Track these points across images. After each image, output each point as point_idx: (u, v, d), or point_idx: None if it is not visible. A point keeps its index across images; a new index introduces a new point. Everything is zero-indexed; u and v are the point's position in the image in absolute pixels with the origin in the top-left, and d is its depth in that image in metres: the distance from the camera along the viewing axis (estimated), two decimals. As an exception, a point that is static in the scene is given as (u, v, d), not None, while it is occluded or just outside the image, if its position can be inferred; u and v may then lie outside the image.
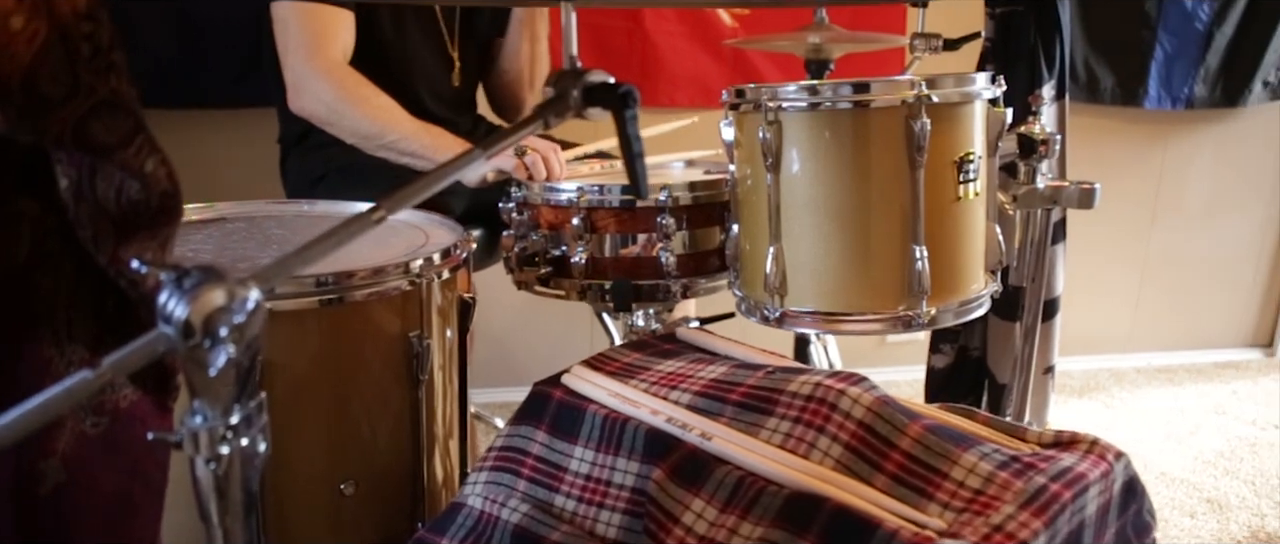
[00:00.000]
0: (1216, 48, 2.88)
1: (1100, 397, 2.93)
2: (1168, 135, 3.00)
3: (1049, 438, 1.03)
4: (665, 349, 1.29)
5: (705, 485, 1.00)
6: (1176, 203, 3.08)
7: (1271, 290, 3.26)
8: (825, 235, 1.30)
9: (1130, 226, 3.07)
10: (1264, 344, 3.31)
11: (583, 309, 2.38)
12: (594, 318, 2.24)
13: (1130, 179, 3.01)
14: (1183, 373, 3.15)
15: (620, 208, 1.55)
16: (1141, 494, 1.06)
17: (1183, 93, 2.89)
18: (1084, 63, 2.82)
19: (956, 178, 1.28)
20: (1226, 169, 3.09)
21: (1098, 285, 3.09)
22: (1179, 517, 2.25)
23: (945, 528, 0.87)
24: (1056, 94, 1.79)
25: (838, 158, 1.29)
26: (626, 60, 2.51)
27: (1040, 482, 0.90)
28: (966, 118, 1.30)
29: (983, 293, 1.37)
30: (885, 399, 1.01)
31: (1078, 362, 3.14)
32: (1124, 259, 3.10)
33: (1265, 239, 3.20)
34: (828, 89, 1.28)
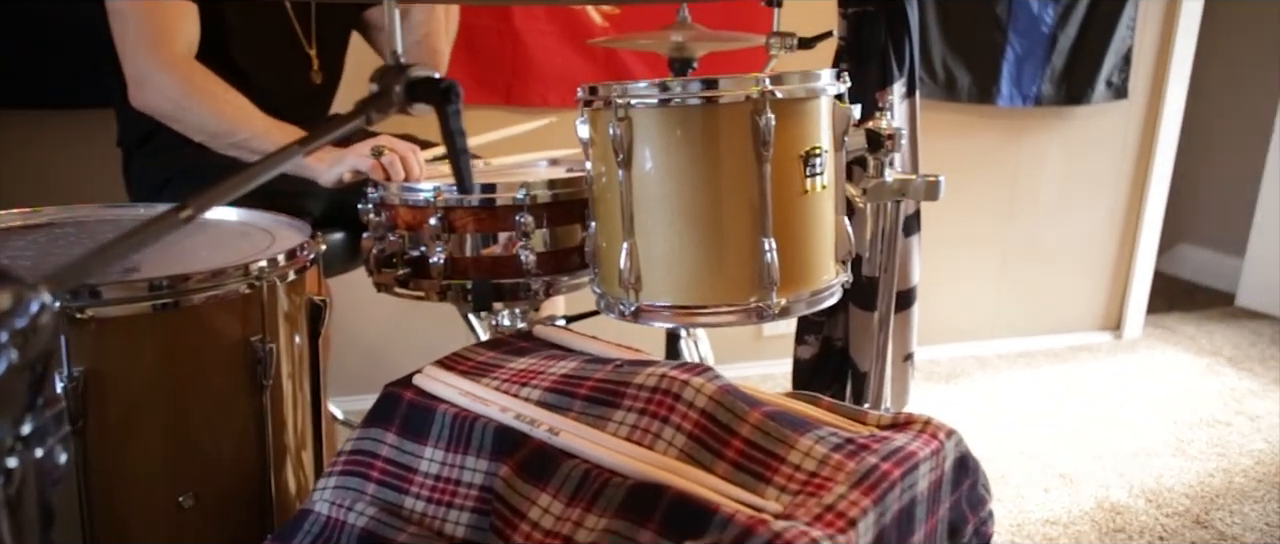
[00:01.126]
0: (1061, 49, 3.04)
1: (965, 382, 3.06)
2: (1022, 132, 3.16)
3: (887, 420, 1.07)
4: (520, 347, 1.29)
5: (552, 480, 1.00)
6: (1032, 196, 3.24)
7: (1118, 277, 3.47)
8: (678, 230, 1.32)
9: (990, 219, 3.22)
10: (1113, 327, 3.52)
11: (457, 312, 2.35)
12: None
13: (989, 174, 3.16)
14: (1040, 356, 3.32)
15: (479, 207, 1.53)
16: (974, 470, 1.11)
17: (1032, 91, 3.04)
18: (942, 63, 2.94)
19: (803, 171, 1.32)
20: (1075, 163, 3.27)
21: (962, 276, 3.23)
22: (1035, 491, 2.37)
23: (781, 510, 0.89)
24: (907, 91, 1.86)
25: (688, 153, 1.30)
26: (497, 60, 2.49)
27: (872, 461, 0.93)
28: (812, 113, 1.34)
29: (833, 283, 1.41)
30: (728, 388, 1.03)
31: (945, 349, 3.27)
32: (985, 250, 3.25)
33: (1112, 228, 3.40)
34: (677, 86, 1.30)
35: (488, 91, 2.51)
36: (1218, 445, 2.68)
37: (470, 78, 2.49)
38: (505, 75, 2.50)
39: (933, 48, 2.91)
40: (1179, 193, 4.44)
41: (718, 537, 0.86)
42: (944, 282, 3.20)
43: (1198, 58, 3.37)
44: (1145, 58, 3.22)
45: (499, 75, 2.50)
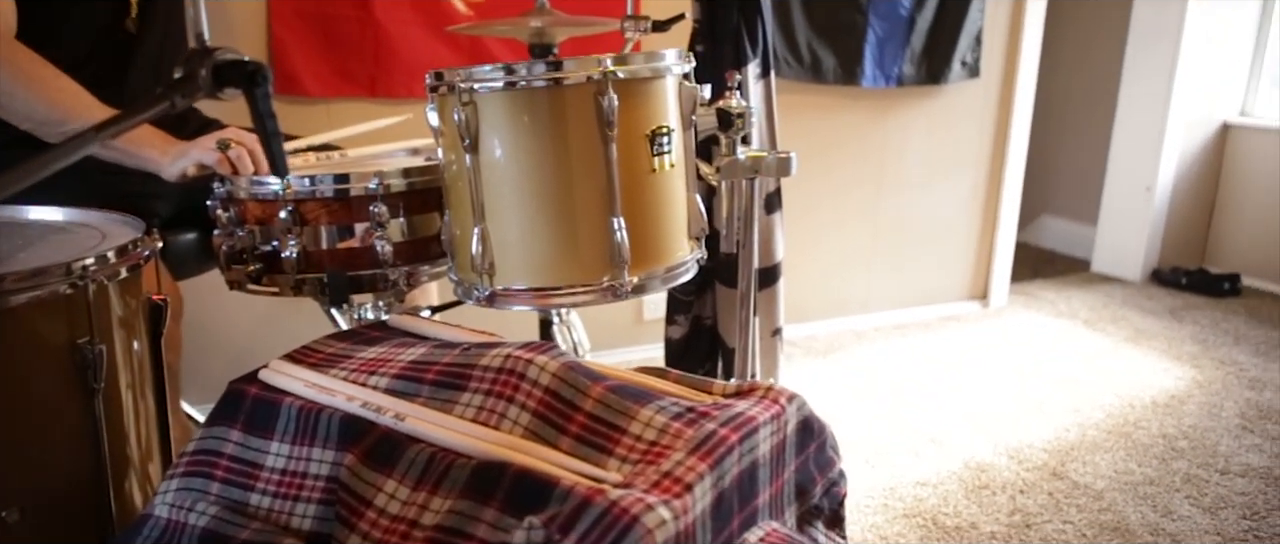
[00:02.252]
0: (919, 31, 3.16)
1: (842, 355, 3.15)
2: (887, 111, 3.27)
3: (731, 389, 1.09)
4: (372, 337, 1.27)
5: (397, 466, 0.99)
6: (899, 173, 3.36)
7: (983, 248, 3.62)
8: (529, 213, 1.32)
9: (861, 196, 3.32)
10: (980, 296, 3.68)
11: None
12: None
13: (858, 153, 3.26)
14: (913, 327, 3.45)
15: (333, 198, 1.50)
16: (820, 432, 1.15)
17: (894, 72, 3.15)
18: (808, 46, 3.01)
19: (650, 150, 1.34)
20: (939, 141, 3.40)
21: (836, 253, 3.33)
22: (906, 455, 2.46)
23: (621, 480, 0.91)
24: (761, 72, 1.90)
25: (535, 136, 1.31)
26: (358, 51, 2.44)
27: (710, 428, 0.96)
28: (657, 93, 1.35)
29: (687, 259, 1.44)
30: (571, 365, 1.04)
31: (823, 325, 3.36)
32: (857, 227, 3.35)
33: (975, 202, 3.55)
34: (522, 68, 1.30)
35: (350, 84, 2.46)
36: (1073, 402, 2.84)
37: (331, 70, 2.43)
38: (368, 67, 2.45)
39: (797, 31, 2.98)
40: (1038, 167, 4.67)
41: (558, 509, 0.86)
42: (820, 259, 3.29)
43: (1047, 37, 3.55)
44: (997, 38, 3.37)
45: (361, 67, 2.45)
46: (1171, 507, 2.27)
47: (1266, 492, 2.36)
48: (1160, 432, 2.67)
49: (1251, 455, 2.55)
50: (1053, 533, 2.14)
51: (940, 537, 2.11)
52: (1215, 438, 2.64)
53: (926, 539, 2.10)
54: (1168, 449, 2.57)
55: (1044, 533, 2.14)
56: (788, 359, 3.10)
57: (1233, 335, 3.50)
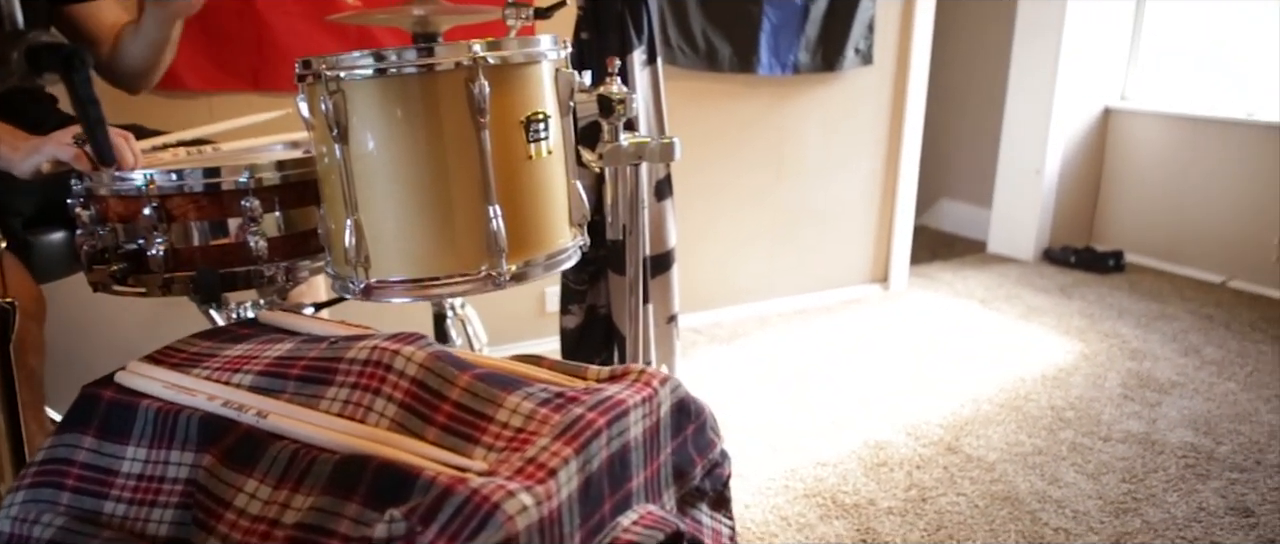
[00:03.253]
0: (813, 19, 3.20)
1: (745, 341, 3.19)
2: (784, 99, 3.31)
3: (605, 374, 1.09)
4: (240, 334, 1.23)
5: (259, 464, 0.96)
6: (798, 160, 3.41)
7: (882, 232, 3.70)
8: (403, 203, 1.30)
9: (761, 184, 3.36)
10: (881, 279, 3.76)
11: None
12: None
13: (757, 141, 3.29)
14: (815, 312, 3.51)
15: (202, 194, 1.45)
16: (698, 414, 1.15)
17: (789, 60, 3.19)
18: (703, 35, 3.03)
19: (526, 137, 1.32)
20: (836, 128, 3.46)
21: (739, 240, 3.36)
22: (808, 436, 2.50)
23: (486, 468, 0.89)
24: (647, 59, 1.90)
25: (407, 125, 1.28)
26: (240, 43, 2.36)
27: (577, 412, 0.95)
28: (532, 79, 1.34)
29: (569, 246, 1.43)
30: (439, 354, 1.02)
31: (727, 312, 3.40)
32: (759, 214, 3.39)
33: (872, 188, 3.62)
34: (392, 55, 1.27)
35: (232, 77, 2.38)
36: (968, 379, 2.93)
37: (212, 63, 2.35)
38: (250, 59, 2.38)
39: (692, 20, 3.00)
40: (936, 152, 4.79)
41: (420, 500, 0.85)
42: (722, 246, 3.32)
43: (939, 27, 3.64)
44: (890, 27, 3.44)
45: (244, 59, 2.37)
46: (1058, 474, 2.36)
47: (1144, 456, 2.47)
48: (1049, 403, 2.77)
49: (1131, 422, 2.66)
50: (947, 505, 2.20)
51: (839, 514, 2.15)
52: (1099, 407, 2.75)
53: (826, 517, 2.14)
54: (1056, 420, 2.66)
55: (939, 506, 2.20)
56: (692, 346, 3.12)
57: (1117, 309, 3.65)
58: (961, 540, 2.06)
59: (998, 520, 2.15)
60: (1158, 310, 3.65)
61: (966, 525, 2.12)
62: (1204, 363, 3.13)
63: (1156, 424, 2.65)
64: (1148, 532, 2.12)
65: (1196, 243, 4.10)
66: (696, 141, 3.14)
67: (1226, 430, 2.63)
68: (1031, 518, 2.16)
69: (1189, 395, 2.86)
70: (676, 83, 3.05)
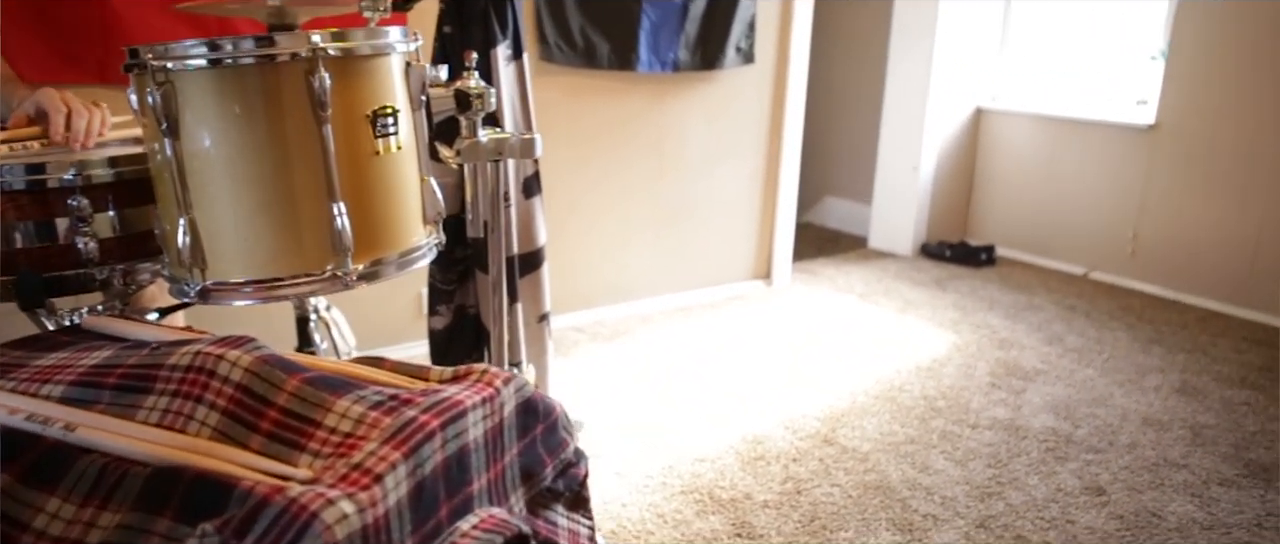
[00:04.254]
0: (693, 17, 3.22)
1: (628, 339, 3.19)
2: (665, 97, 3.32)
3: (448, 374, 1.06)
4: (58, 342, 1.15)
5: (63, 481, 0.89)
6: (680, 158, 3.42)
7: (764, 229, 3.76)
8: (242, 201, 1.23)
9: (644, 182, 3.36)
10: (763, 276, 3.81)
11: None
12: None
13: (639, 139, 3.29)
14: (699, 309, 3.54)
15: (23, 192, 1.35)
16: (547, 414, 1.13)
17: (669, 58, 3.20)
18: (581, 32, 3.01)
19: (373, 132, 1.28)
20: (717, 126, 3.49)
21: (622, 238, 3.35)
22: (687, 433, 2.51)
23: (310, 476, 0.85)
24: (513, 54, 1.87)
25: (245, 118, 1.22)
26: (85, 34, 2.23)
27: (410, 415, 0.92)
28: (378, 72, 1.30)
29: (423, 245, 1.39)
30: (267, 358, 0.97)
31: (611, 310, 3.39)
32: (641, 212, 3.39)
33: (754, 185, 3.67)
34: (226, 45, 1.21)
35: (78, 71, 2.24)
36: (846, 372, 2.99)
37: (53, 54, 2.21)
38: (97, 51, 2.25)
39: (571, 17, 2.98)
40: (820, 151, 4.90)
41: (235, 512, 0.80)
42: (605, 245, 3.31)
43: (820, 28, 3.71)
44: (769, 26, 3.49)
45: (90, 52, 2.24)
46: (928, 462, 2.42)
47: (1009, 441, 2.56)
48: (922, 393, 2.85)
49: (998, 409, 2.76)
50: (821, 496, 2.24)
51: (716, 509, 2.16)
52: (969, 396, 2.85)
53: (703, 513, 2.15)
54: (928, 409, 2.74)
55: (813, 497, 2.23)
56: (574, 345, 3.10)
57: (988, 301, 3.79)
58: (834, 530, 2.10)
59: (870, 509, 2.19)
60: (1026, 301, 3.81)
61: (839, 515, 2.16)
62: (1066, 351, 3.27)
63: (1021, 410, 2.76)
64: (1010, 513, 2.20)
65: (1061, 237, 4.29)
66: (577, 139, 3.12)
67: (1084, 414, 2.76)
68: (902, 505, 2.21)
69: (1051, 382, 2.99)
70: (555, 79, 3.03)
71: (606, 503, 2.16)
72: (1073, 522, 2.18)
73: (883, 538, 2.08)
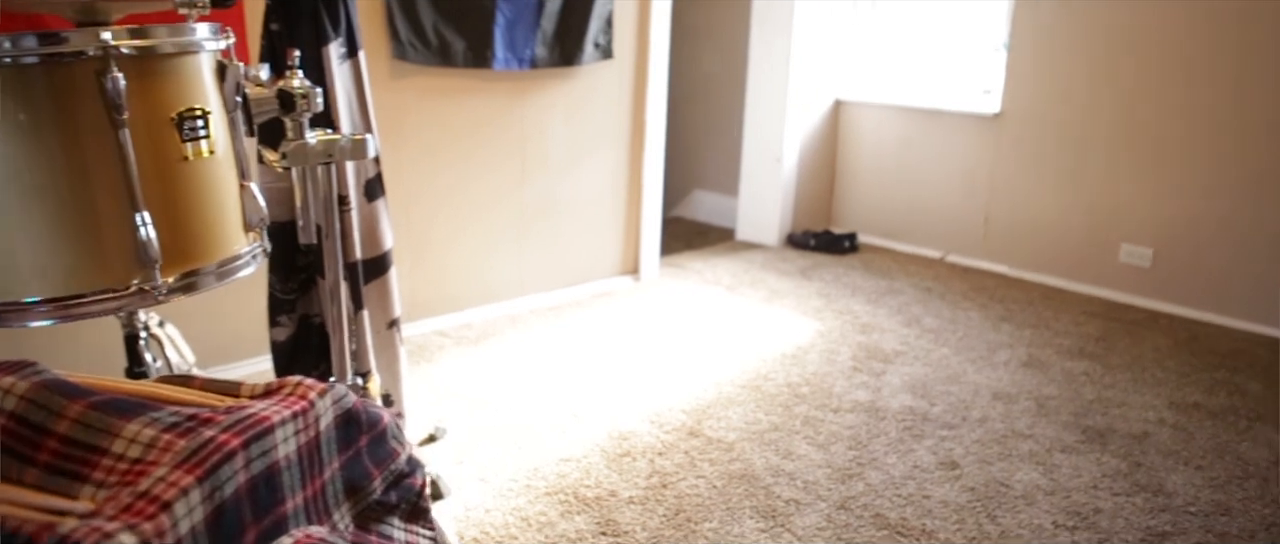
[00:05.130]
0: (549, 13, 3.19)
1: (496, 341, 3.13)
2: (524, 95, 3.28)
3: (259, 390, 1.00)
4: None
5: None
6: (542, 156, 3.39)
7: (631, 225, 3.76)
8: (32, 214, 1.14)
9: (506, 181, 3.31)
10: (631, 271, 3.82)
11: None
12: None
13: (499, 138, 3.24)
14: (567, 307, 3.51)
15: None
16: (373, 424, 1.09)
17: (526, 55, 3.16)
18: (434, 29, 2.94)
19: (179, 136, 1.20)
20: (579, 122, 3.47)
21: (486, 239, 3.30)
22: (552, 433, 2.48)
23: (89, 509, 0.79)
24: (347, 52, 1.80)
25: (32, 122, 1.13)
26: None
27: (207, 435, 0.86)
28: (184, 71, 1.22)
29: (244, 252, 1.32)
30: (46, 383, 0.90)
31: (477, 313, 3.33)
32: (505, 212, 3.34)
33: (619, 181, 3.67)
34: (5, 42, 1.12)
35: None
36: (712, 363, 3.02)
37: None
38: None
39: (422, 14, 2.90)
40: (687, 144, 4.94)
41: (1, 555, 0.73)
42: (470, 246, 3.25)
43: (681, 22, 3.74)
44: (628, 21, 3.49)
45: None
46: (791, 448, 2.47)
47: (869, 423, 2.63)
48: (786, 381, 2.90)
49: (859, 392, 2.83)
50: (686, 489, 2.25)
51: (581, 509, 2.14)
52: (831, 381, 2.91)
53: (568, 513, 2.12)
54: (792, 396, 2.79)
55: (679, 490, 2.24)
56: (439, 350, 3.03)
57: (851, 288, 3.89)
58: (699, 522, 2.11)
59: (734, 498, 2.21)
60: (886, 286, 3.93)
61: (704, 506, 2.17)
62: (924, 332, 3.39)
63: (881, 392, 2.84)
64: (869, 493, 2.26)
65: (919, 222, 4.45)
66: (436, 141, 3.05)
67: (939, 392, 2.86)
68: (766, 492, 2.24)
69: (910, 362, 3.09)
70: (411, 80, 2.95)
71: (469, 510, 2.12)
72: (928, 496, 2.25)
73: (747, 526, 2.10)
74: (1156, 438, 2.63)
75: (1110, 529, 2.15)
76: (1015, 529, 2.13)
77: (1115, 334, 3.46)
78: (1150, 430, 2.67)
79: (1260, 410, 2.85)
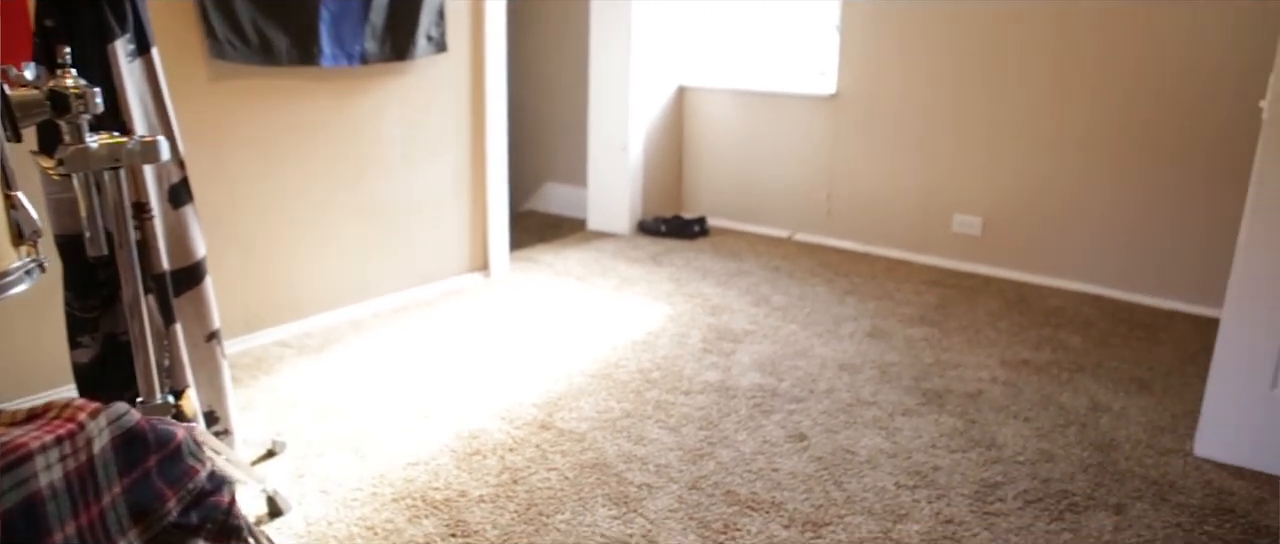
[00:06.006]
0: (377, 7, 3.09)
1: (339, 348, 3.02)
2: (356, 92, 3.16)
3: (22, 415, 0.92)
4: None
5: None
6: (378, 154, 3.28)
7: (477, 220, 3.69)
8: None
9: (344, 181, 3.19)
10: (481, 268, 3.75)
11: None
12: None
13: (331, 137, 3.12)
14: (415, 308, 3.42)
15: None
16: (164, 442, 1.01)
17: (355, 50, 3.05)
18: (253, 25, 2.80)
19: (-76, 143, 1.09)
20: (416, 119, 3.38)
21: (324, 243, 3.17)
22: (398, 438, 2.41)
23: None
24: (137, 49, 1.68)
25: None
26: None
27: (-53, 468, 0.78)
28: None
29: (14, 268, 1.21)
30: None
31: (317, 321, 3.20)
32: (343, 214, 3.22)
33: (462, 176, 3.60)
34: None
35: None
36: (564, 355, 3.00)
37: None
38: None
39: (239, 10, 2.76)
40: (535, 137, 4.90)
41: None
42: (307, 251, 3.12)
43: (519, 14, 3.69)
44: (461, 13, 3.42)
45: None
46: (643, 433, 2.47)
47: (719, 402, 2.67)
48: (637, 367, 2.91)
49: (709, 373, 2.87)
50: (538, 483, 2.22)
51: (429, 512, 2.09)
52: (682, 364, 2.94)
53: (415, 518, 2.06)
54: (643, 382, 2.80)
55: (530, 485, 2.21)
56: (278, 361, 2.90)
57: (701, 271, 3.95)
58: (551, 514, 2.09)
59: (586, 487, 2.20)
60: (736, 268, 4.00)
61: (556, 499, 2.15)
62: (772, 310, 3.47)
63: (731, 372, 2.89)
64: (720, 471, 2.29)
65: (766, 203, 4.56)
66: (264, 143, 2.91)
67: (788, 368, 2.93)
68: (618, 479, 2.24)
69: (759, 341, 3.15)
70: (232, 81, 2.80)
71: (311, 524, 2.03)
72: (777, 469, 2.30)
73: (599, 514, 2.09)
74: (989, 395, 2.77)
75: (948, 485, 2.25)
76: (860, 493, 2.20)
77: (952, 300, 3.63)
78: (983, 388, 2.81)
79: (1080, 362, 3.04)
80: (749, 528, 2.05)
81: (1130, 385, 2.87)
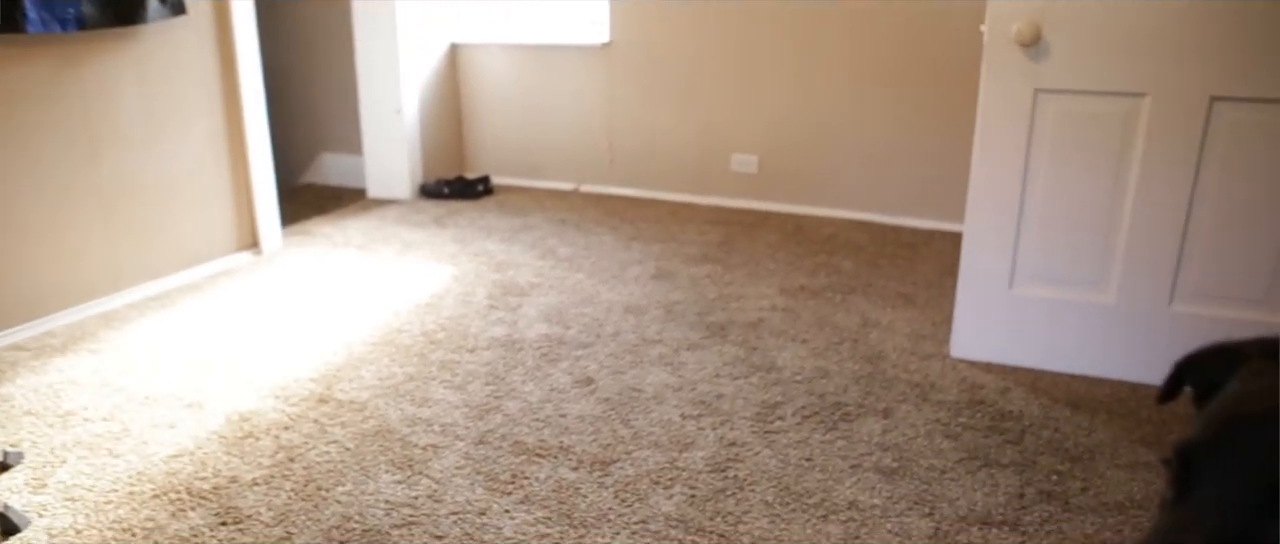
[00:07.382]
0: (92, -34, 2.80)
1: (88, 345, 2.75)
2: (79, 61, 2.86)
3: None
4: None
5: None
6: (114, 131, 2.99)
7: (241, 196, 3.46)
8: None
9: (73, 163, 2.89)
10: (250, 245, 3.53)
11: None
12: None
13: (55, 114, 2.81)
14: (177, 294, 3.17)
15: None
16: None
17: (69, 14, 2.76)
18: (-62, -9, 2.47)
19: None
20: (156, 90, 3.10)
21: (59, 232, 2.87)
22: (159, 431, 2.23)
23: None
24: None
25: None
26: None
27: None
28: None
29: None
30: None
31: (60, 318, 2.90)
32: (77, 199, 2.92)
33: (219, 151, 3.35)
34: None
35: None
36: (343, 326, 2.87)
37: None
38: None
39: (-83, -26, 2.42)
40: (305, 107, 4.64)
41: None
42: (38, 245, 2.81)
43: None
44: (197, -28, 3.16)
45: None
46: (428, 394, 2.40)
47: (506, 356, 2.63)
48: (422, 330, 2.82)
49: (496, 329, 2.83)
50: (316, 458, 2.11)
51: (196, 504, 1.94)
52: (467, 322, 2.88)
53: (180, 512, 1.92)
54: (427, 344, 2.72)
55: (308, 461, 2.10)
56: (11, 368, 2.60)
57: (486, 229, 3.88)
58: (330, 487, 1.99)
59: (368, 456, 2.12)
60: (521, 224, 3.96)
61: (336, 471, 2.06)
62: (558, 262, 3.46)
63: (517, 325, 2.86)
64: (507, 423, 2.26)
65: (549, 157, 4.53)
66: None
67: (574, 315, 2.93)
68: (402, 443, 2.17)
69: (545, 292, 3.14)
70: (-87, 53, 2.46)
71: (55, 536, 1.84)
72: (564, 415, 2.30)
73: (382, 481, 2.02)
74: (769, 322, 2.88)
75: (731, 410, 2.32)
76: (647, 428, 2.23)
77: (734, 237, 3.75)
78: (764, 317, 2.92)
79: (852, 284, 3.22)
80: (537, 475, 2.03)
81: (897, 300, 3.06)
